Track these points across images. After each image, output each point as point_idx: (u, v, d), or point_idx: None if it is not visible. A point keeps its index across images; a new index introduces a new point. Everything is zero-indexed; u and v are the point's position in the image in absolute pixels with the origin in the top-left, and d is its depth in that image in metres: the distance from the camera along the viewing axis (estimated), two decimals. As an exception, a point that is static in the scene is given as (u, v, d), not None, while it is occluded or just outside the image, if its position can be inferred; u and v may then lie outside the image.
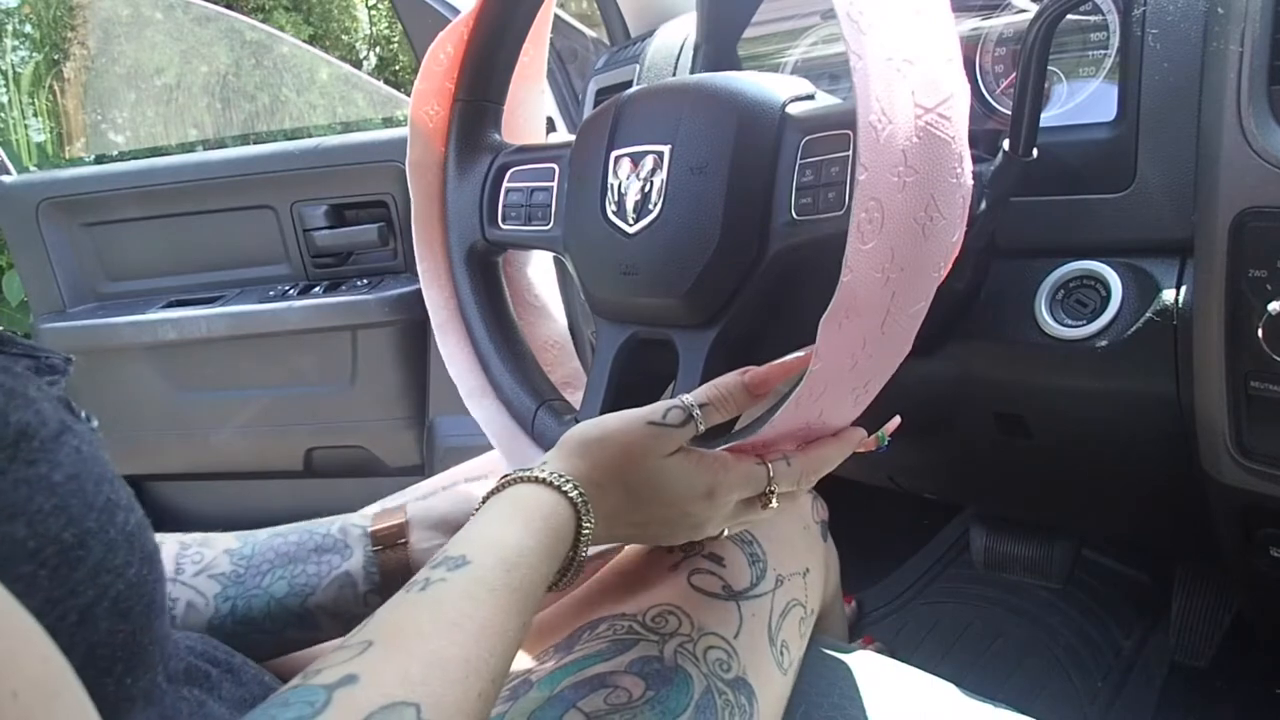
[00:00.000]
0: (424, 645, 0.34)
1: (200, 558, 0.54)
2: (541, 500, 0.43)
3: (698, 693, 0.50)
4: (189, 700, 0.40)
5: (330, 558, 0.54)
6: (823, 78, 0.76)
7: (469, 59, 0.65)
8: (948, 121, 0.42)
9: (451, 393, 0.68)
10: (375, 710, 0.31)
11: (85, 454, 0.33)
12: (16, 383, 0.31)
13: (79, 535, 0.30)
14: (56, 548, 0.29)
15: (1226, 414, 0.56)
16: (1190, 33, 0.57)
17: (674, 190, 0.54)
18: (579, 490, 0.44)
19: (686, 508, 0.47)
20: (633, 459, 0.45)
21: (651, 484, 0.46)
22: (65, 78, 2.68)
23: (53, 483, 0.30)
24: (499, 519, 0.42)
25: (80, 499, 0.31)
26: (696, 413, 0.47)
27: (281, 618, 0.53)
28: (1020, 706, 0.60)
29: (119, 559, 0.32)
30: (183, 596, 0.52)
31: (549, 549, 0.42)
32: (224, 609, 0.52)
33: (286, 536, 0.55)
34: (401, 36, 5.18)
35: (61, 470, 0.31)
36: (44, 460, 0.30)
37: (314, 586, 0.53)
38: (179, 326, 1.30)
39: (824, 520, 0.72)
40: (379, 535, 0.55)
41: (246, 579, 0.53)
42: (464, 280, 0.67)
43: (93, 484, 0.32)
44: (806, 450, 0.50)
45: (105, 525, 0.32)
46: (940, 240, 0.43)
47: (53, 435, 0.31)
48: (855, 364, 0.45)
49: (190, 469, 1.45)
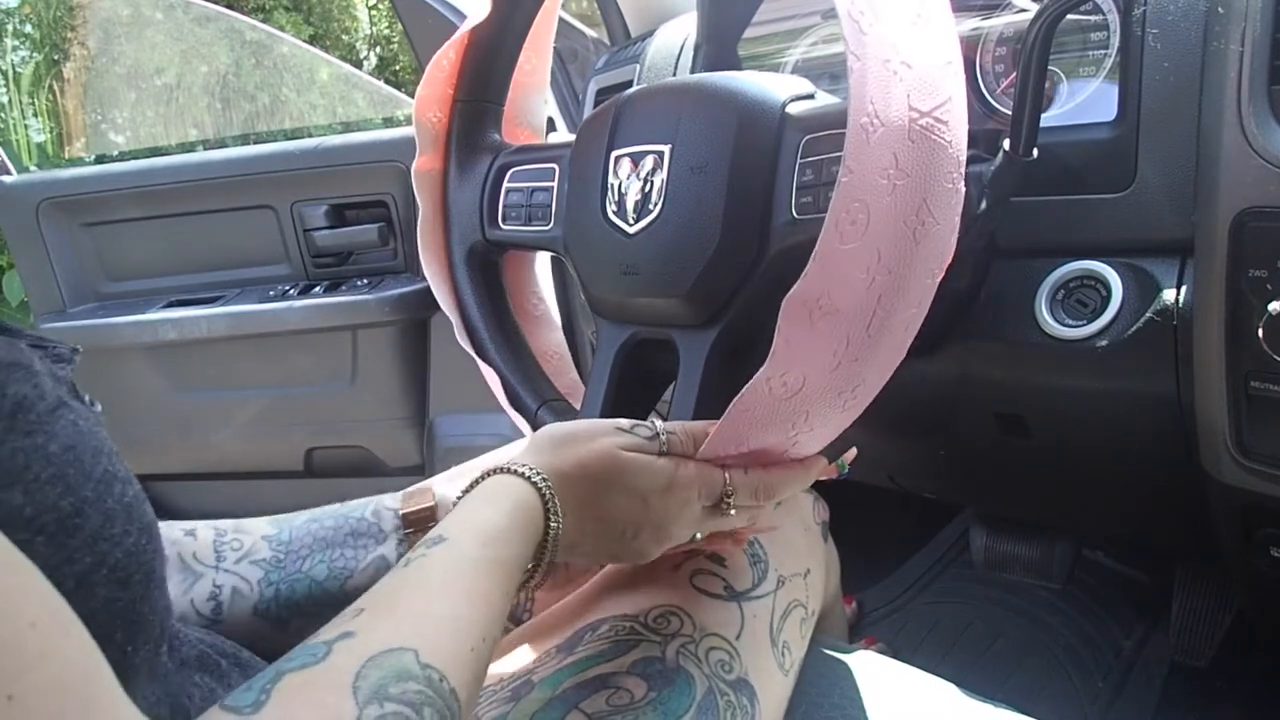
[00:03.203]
0: (412, 605, 0.36)
1: (240, 544, 0.55)
2: (511, 487, 0.45)
3: (700, 694, 0.50)
4: (200, 687, 0.40)
5: (366, 541, 0.56)
6: (823, 78, 0.76)
7: (469, 61, 0.65)
8: (944, 126, 0.42)
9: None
10: (375, 654, 0.33)
11: (83, 428, 0.33)
12: (19, 356, 0.32)
13: (76, 504, 0.31)
14: (54, 515, 0.30)
15: (1226, 414, 0.56)
16: (1190, 33, 0.57)
17: (674, 190, 0.54)
18: (544, 479, 0.45)
19: (649, 499, 0.48)
20: (595, 452, 0.47)
21: (613, 474, 0.47)
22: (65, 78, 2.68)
23: (49, 453, 0.31)
24: (470, 504, 0.44)
25: (78, 469, 0.32)
26: (662, 434, 0.49)
27: (323, 600, 0.54)
28: (1020, 706, 0.60)
29: (116, 528, 0.32)
30: (227, 583, 0.53)
31: (521, 527, 0.43)
32: (268, 593, 0.53)
33: (322, 521, 0.56)
34: (401, 37, 5.19)
35: (58, 441, 0.31)
36: (40, 431, 0.31)
37: (352, 570, 0.54)
38: (179, 326, 1.29)
39: (825, 521, 0.73)
40: (410, 517, 0.56)
41: (287, 564, 0.54)
42: (464, 280, 0.67)
43: (89, 456, 0.33)
44: (769, 469, 0.51)
45: (103, 495, 0.32)
46: (934, 245, 0.43)
47: (49, 409, 0.32)
48: (838, 364, 0.44)
49: (190, 469, 1.45)
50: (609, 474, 0.47)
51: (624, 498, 0.47)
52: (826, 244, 0.41)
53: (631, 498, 0.47)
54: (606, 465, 0.47)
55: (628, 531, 0.48)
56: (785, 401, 0.46)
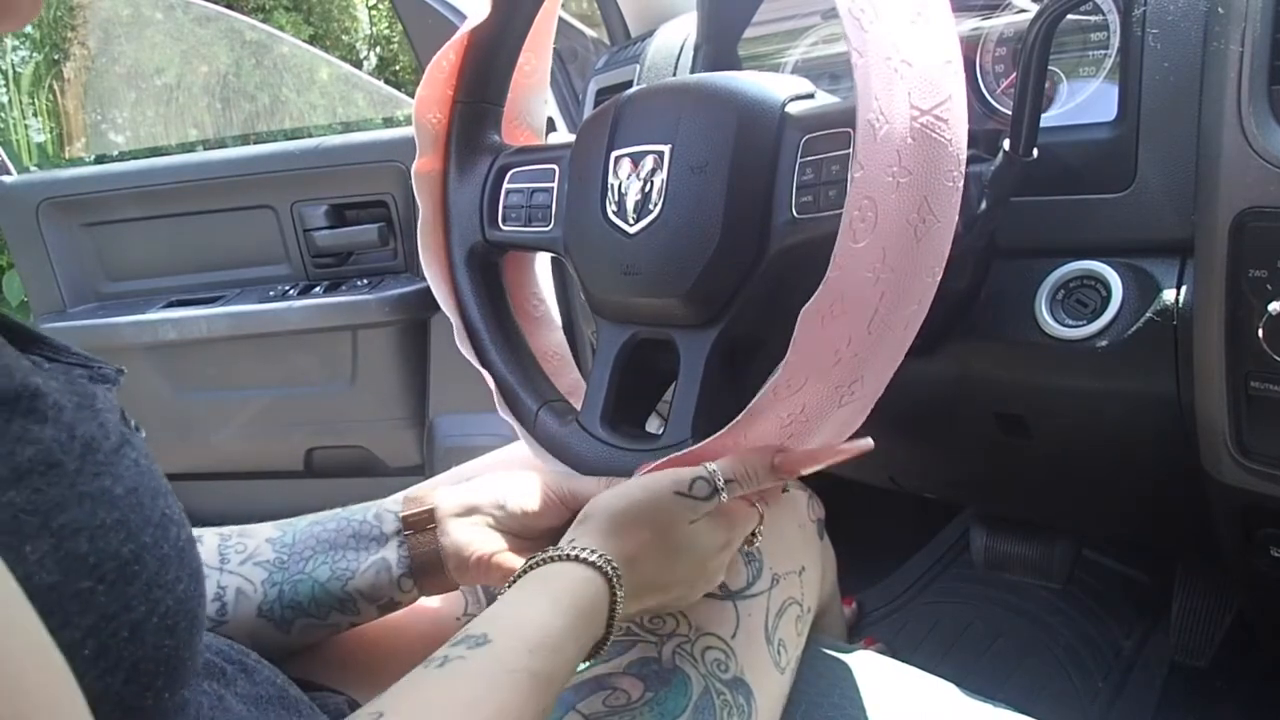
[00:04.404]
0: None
1: (243, 547, 0.55)
2: (573, 577, 0.43)
3: (696, 693, 0.50)
4: (209, 694, 0.40)
5: (367, 543, 0.56)
6: (823, 77, 0.76)
7: (468, 62, 0.65)
8: (944, 124, 0.42)
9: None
10: None
11: (143, 467, 0.32)
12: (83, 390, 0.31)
13: (136, 550, 0.30)
14: (115, 563, 0.29)
15: (1227, 414, 0.56)
16: (1190, 33, 0.57)
17: (674, 190, 0.54)
18: (611, 564, 0.44)
19: (708, 564, 0.48)
20: (662, 530, 0.46)
21: (680, 551, 0.47)
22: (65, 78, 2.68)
23: (114, 496, 0.30)
24: (525, 596, 0.42)
25: (139, 513, 0.31)
26: (721, 485, 0.48)
27: (326, 602, 0.54)
28: (1020, 706, 0.60)
29: (170, 574, 0.32)
30: (231, 584, 0.53)
31: (575, 630, 0.41)
32: (271, 594, 0.53)
33: (325, 524, 0.56)
34: (401, 37, 5.19)
35: (122, 484, 0.31)
36: (107, 474, 0.30)
37: (353, 571, 0.54)
38: (179, 326, 1.29)
39: (820, 519, 0.72)
40: (410, 520, 0.56)
41: (290, 565, 0.54)
42: (465, 281, 0.67)
43: (150, 498, 0.32)
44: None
45: (160, 540, 0.32)
46: (934, 243, 0.43)
47: (114, 448, 0.31)
48: (839, 360, 0.44)
49: (190, 469, 1.45)
50: (677, 553, 0.47)
51: (687, 570, 0.48)
52: (843, 245, 0.41)
53: (695, 568, 0.48)
54: (674, 542, 0.46)
55: (682, 595, 0.49)
56: (786, 401, 0.46)
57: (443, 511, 0.56)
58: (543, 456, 0.63)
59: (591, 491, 0.56)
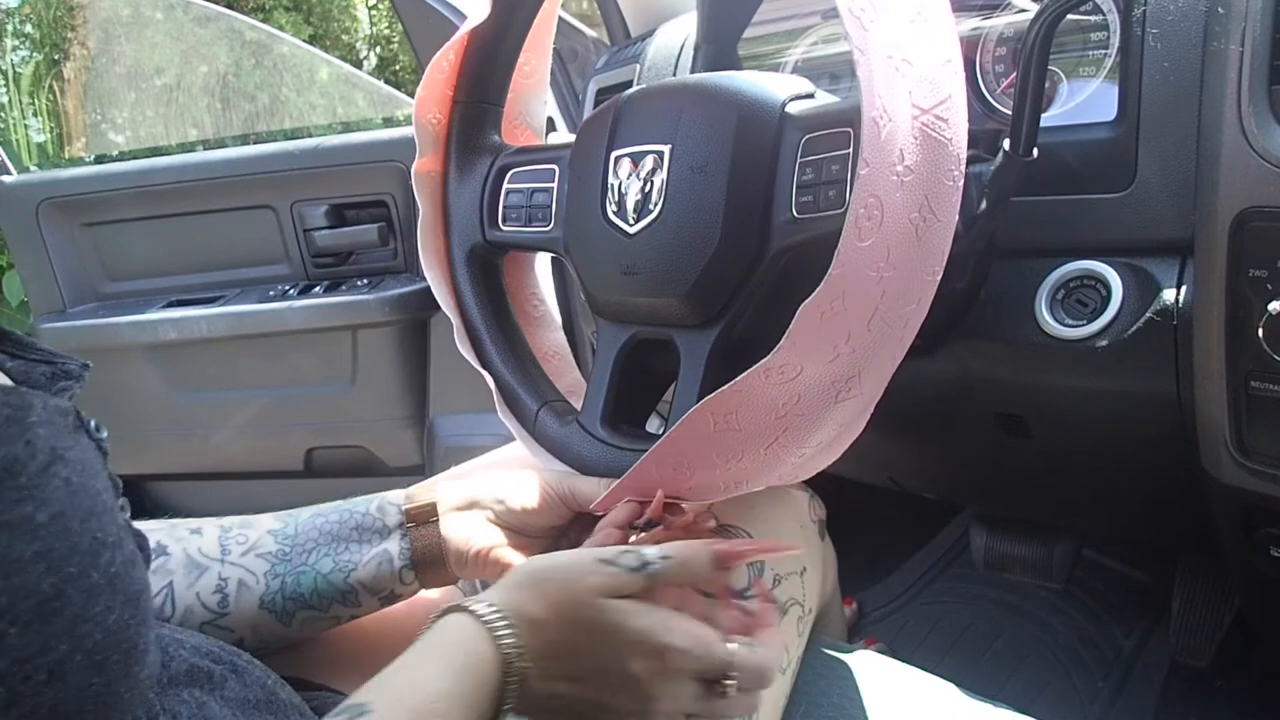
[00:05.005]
0: None
1: (245, 539, 0.55)
2: (465, 636, 0.39)
3: (697, 693, 0.50)
4: (188, 703, 0.39)
5: (369, 536, 0.56)
6: (823, 77, 0.76)
7: (468, 62, 0.65)
8: (944, 123, 0.42)
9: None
10: None
11: (75, 486, 0.30)
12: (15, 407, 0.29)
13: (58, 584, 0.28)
14: (32, 601, 0.27)
15: (1227, 414, 0.56)
16: (1190, 32, 0.57)
17: (674, 190, 0.54)
18: (506, 620, 0.39)
19: (630, 665, 0.40)
20: (575, 594, 0.41)
21: (594, 628, 0.40)
22: (65, 78, 2.68)
23: (35, 525, 0.28)
24: (414, 658, 0.39)
25: (64, 540, 0.29)
26: (653, 562, 0.42)
27: (328, 594, 0.54)
28: (1020, 706, 0.60)
29: (99, 605, 0.29)
30: (233, 576, 0.53)
31: (464, 694, 0.37)
32: (274, 586, 0.53)
33: (328, 516, 0.56)
34: (401, 37, 5.18)
35: (47, 509, 0.28)
36: (29, 499, 0.28)
37: (356, 563, 0.55)
38: (179, 326, 1.29)
39: (821, 519, 0.73)
40: (412, 513, 0.56)
41: (293, 557, 0.54)
42: (465, 282, 0.67)
43: (79, 521, 0.29)
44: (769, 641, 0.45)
45: (88, 569, 0.29)
46: (934, 242, 0.43)
47: (41, 468, 0.29)
48: (837, 356, 0.44)
49: (190, 469, 1.45)
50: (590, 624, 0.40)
51: (601, 658, 0.40)
52: (848, 242, 0.41)
53: (612, 660, 0.40)
54: (588, 614, 0.40)
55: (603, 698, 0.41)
56: (780, 387, 0.45)
57: (444, 505, 0.56)
58: (542, 457, 0.63)
59: (591, 491, 0.56)
